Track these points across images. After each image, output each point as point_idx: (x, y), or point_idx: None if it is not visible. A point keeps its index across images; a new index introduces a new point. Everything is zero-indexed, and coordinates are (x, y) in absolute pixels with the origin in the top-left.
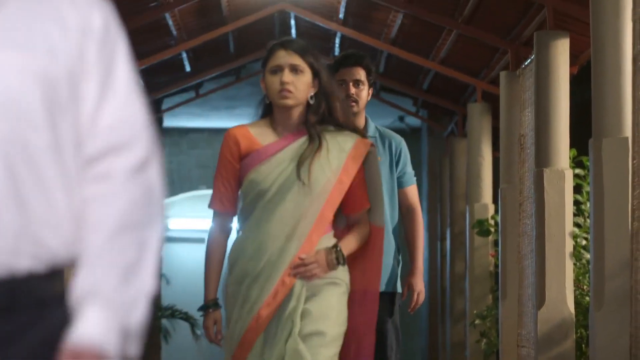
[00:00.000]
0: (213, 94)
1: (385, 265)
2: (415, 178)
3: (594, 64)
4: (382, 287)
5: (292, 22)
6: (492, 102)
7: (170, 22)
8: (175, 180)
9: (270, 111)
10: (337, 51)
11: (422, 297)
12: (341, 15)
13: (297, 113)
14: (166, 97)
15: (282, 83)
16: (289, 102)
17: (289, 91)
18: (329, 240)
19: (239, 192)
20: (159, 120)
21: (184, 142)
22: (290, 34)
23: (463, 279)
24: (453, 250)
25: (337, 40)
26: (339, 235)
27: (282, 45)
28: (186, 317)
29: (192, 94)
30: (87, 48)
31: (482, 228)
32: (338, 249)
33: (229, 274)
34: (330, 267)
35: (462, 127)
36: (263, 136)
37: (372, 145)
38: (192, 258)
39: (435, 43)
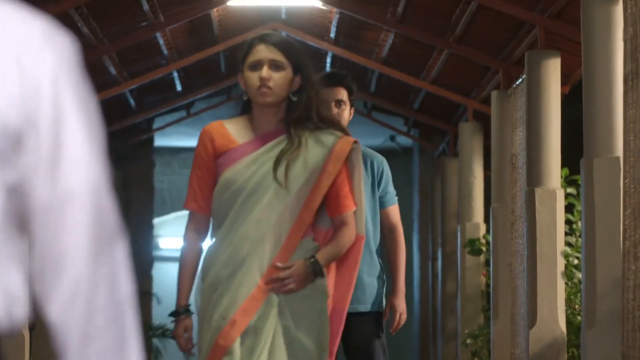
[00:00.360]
0: (204, 113)
1: (370, 284)
2: (396, 198)
3: (585, 84)
4: (368, 307)
5: None
6: (483, 122)
7: (162, 42)
8: (166, 199)
9: (249, 108)
10: (328, 70)
11: (404, 318)
12: (332, 35)
13: (276, 110)
14: (157, 117)
15: (262, 79)
16: (268, 99)
17: (269, 88)
18: (309, 244)
19: (213, 193)
20: (149, 140)
21: (175, 162)
22: None
23: (454, 299)
24: (444, 270)
25: (329, 60)
26: (322, 239)
27: (262, 40)
28: None
29: (183, 113)
30: (35, 100)
31: (473, 247)
32: (314, 260)
33: (202, 280)
34: (307, 281)
35: (453, 146)
36: (240, 134)
37: (355, 142)
38: None
39: (426, 62)
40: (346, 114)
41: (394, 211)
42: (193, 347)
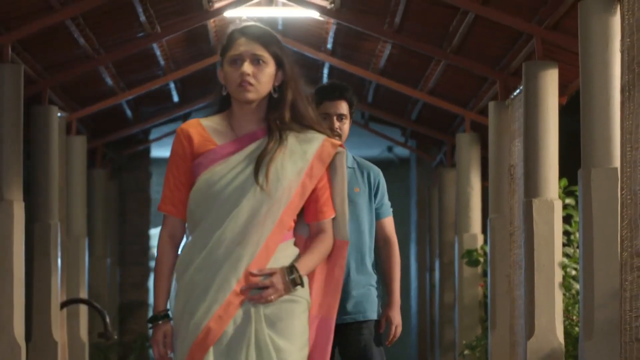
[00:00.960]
0: None
1: (366, 294)
2: (391, 210)
3: (583, 94)
4: (366, 316)
5: None
6: (481, 132)
7: (158, 52)
8: None
9: (228, 105)
10: (325, 81)
11: (399, 330)
12: (329, 46)
13: (258, 108)
14: (154, 127)
15: (242, 75)
16: (250, 95)
17: (250, 84)
18: (288, 247)
19: (190, 194)
20: (146, 151)
21: None
22: None
23: (452, 309)
24: (442, 280)
25: (326, 71)
26: (302, 246)
27: (242, 33)
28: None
29: (180, 124)
30: None
31: (471, 258)
32: (293, 269)
33: (177, 284)
34: (287, 290)
35: (450, 157)
36: (219, 134)
37: (341, 145)
38: None
39: (423, 73)
40: (347, 127)
41: (389, 223)
42: (170, 353)
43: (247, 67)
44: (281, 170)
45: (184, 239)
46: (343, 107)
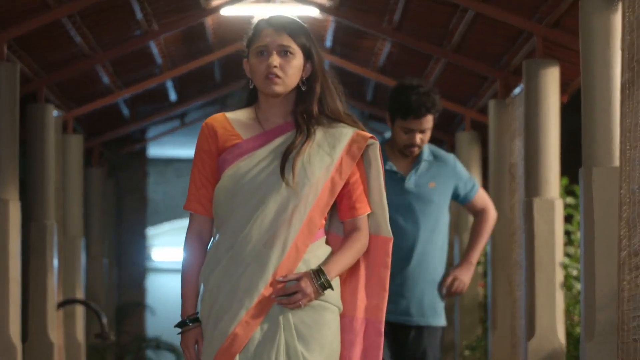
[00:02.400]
0: (198, 123)
1: (431, 297)
2: (478, 185)
3: (584, 93)
4: (427, 321)
5: None
6: (481, 131)
7: (155, 51)
8: (160, 209)
9: (254, 98)
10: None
11: (461, 287)
12: (328, 44)
13: (285, 101)
14: (151, 126)
15: (269, 67)
16: (277, 88)
17: (277, 76)
18: (320, 247)
19: (215, 191)
20: (143, 150)
21: (169, 171)
22: None
23: (452, 310)
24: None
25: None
26: (337, 245)
27: (269, 24)
28: (172, 349)
29: (177, 122)
30: None
31: None
32: (320, 272)
33: (204, 286)
34: (317, 295)
35: None
36: (245, 128)
37: (372, 137)
38: (178, 289)
39: (423, 71)
40: (429, 136)
41: (480, 196)
42: None
43: (274, 59)
44: (308, 166)
45: (212, 238)
46: (429, 122)
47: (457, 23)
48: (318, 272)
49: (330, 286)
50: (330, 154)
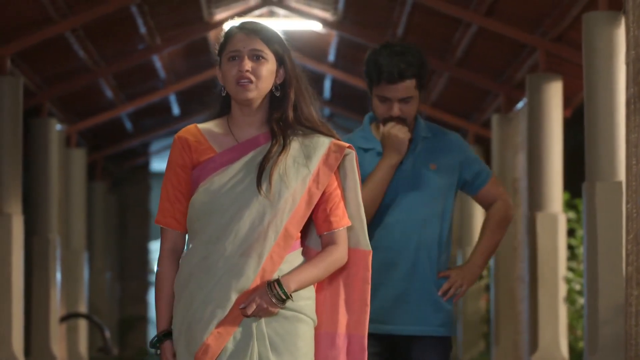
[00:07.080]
0: None
1: (438, 305)
2: (490, 170)
3: (587, 107)
4: (439, 332)
5: None
6: (484, 145)
7: (158, 65)
8: None
9: (228, 108)
10: (327, 93)
11: (461, 287)
12: (331, 58)
13: (258, 109)
14: (154, 140)
15: (241, 71)
16: (250, 94)
17: (250, 81)
18: (295, 258)
19: (189, 204)
20: (146, 163)
21: None
22: None
23: (455, 324)
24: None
25: (328, 83)
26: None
27: (241, 29)
28: None
29: None
30: None
31: None
32: (279, 285)
33: (177, 299)
34: (272, 306)
35: None
36: (218, 140)
37: (349, 147)
38: None
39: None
40: (412, 107)
41: (492, 185)
42: None
43: (246, 63)
44: (285, 177)
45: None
46: (408, 88)
47: (460, 37)
48: (273, 284)
49: (288, 297)
50: (307, 165)
